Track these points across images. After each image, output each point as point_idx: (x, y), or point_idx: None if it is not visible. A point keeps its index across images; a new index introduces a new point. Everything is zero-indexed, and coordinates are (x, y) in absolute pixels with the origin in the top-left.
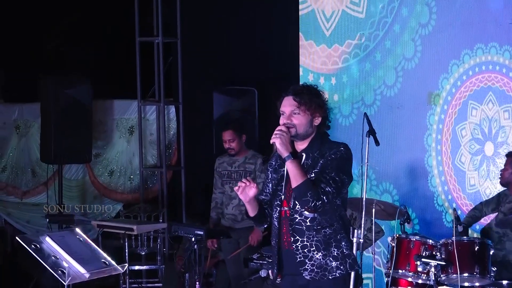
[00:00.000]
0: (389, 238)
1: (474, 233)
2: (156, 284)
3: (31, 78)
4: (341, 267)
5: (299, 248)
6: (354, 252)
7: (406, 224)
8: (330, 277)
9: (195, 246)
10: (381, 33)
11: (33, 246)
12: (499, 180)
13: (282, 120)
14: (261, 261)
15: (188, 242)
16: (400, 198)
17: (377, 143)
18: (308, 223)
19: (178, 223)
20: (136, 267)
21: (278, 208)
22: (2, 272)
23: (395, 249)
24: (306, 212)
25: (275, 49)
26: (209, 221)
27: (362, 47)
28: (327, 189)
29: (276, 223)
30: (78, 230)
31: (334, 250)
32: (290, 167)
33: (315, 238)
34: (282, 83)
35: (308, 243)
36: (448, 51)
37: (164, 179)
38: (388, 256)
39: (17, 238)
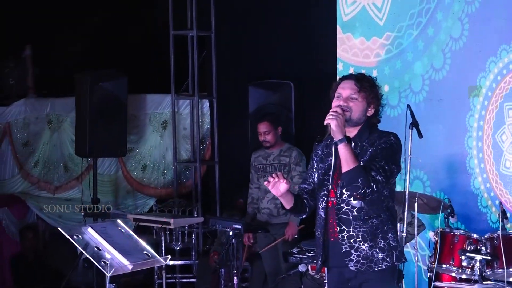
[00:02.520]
0: (431, 233)
1: None
2: (191, 280)
3: (64, 73)
4: (388, 259)
5: (345, 238)
6: None
7: (450, 217)
8: (376, 269)
9: (233, 240)
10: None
11: (75, 236)
12: None
13: (336, 102)
14: (301, 255)
15: (223, 237)
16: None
17: (420, 135)
18: (355, 213)
19: (216, 217)
20: (171, 262)
21: (325, 198)
22: (35, 267)
23: (438, 243)
24: (353, 202)
25: (312, 41)
26: (245, 216)
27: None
28: (377, 177)
29: (322, 213)
30: (119, 221)
31: (381, 242)
32: (343, 150)
33: (361, 229)
34: (319, 77)
35: (354, 234)
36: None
37: (198, 173)
38: (430, 251)
39: (59, 228)
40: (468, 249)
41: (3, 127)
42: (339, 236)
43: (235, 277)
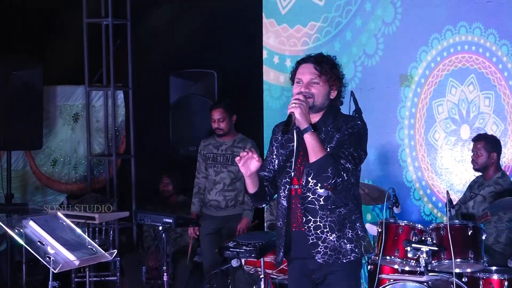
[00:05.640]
0: (368, 225)
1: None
2: (111, 278)
3: None
4: (356, 249)
5: (312, 229)
6: None
7: (394, 208)
8: (344, 261)
9: (163, 235)
10: (344, 21)
11: (16, 230)
12: (473, 166)
13: (297, 89)
14: (237, 250)
15: (150, 236)
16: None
17: None
18: (322, 202)
19: (144, 211)
20: None
21: (287, 186)
22: None
23: (382, 235)
24: (319, 190)
25: (235, 29)
26: (190, 208)
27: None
28: (347, 165)
29: (284, 202)
30: (60, 214)
31: (349, 232)
32: (309, 139)
33: (329, 219)
34: (243, 65)
35: (321, 224)
36: (425, 29)
37: (114, 167)
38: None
39: None
40: (413, 240)
41: None
42: (305, 227)
43: (165, 274)
